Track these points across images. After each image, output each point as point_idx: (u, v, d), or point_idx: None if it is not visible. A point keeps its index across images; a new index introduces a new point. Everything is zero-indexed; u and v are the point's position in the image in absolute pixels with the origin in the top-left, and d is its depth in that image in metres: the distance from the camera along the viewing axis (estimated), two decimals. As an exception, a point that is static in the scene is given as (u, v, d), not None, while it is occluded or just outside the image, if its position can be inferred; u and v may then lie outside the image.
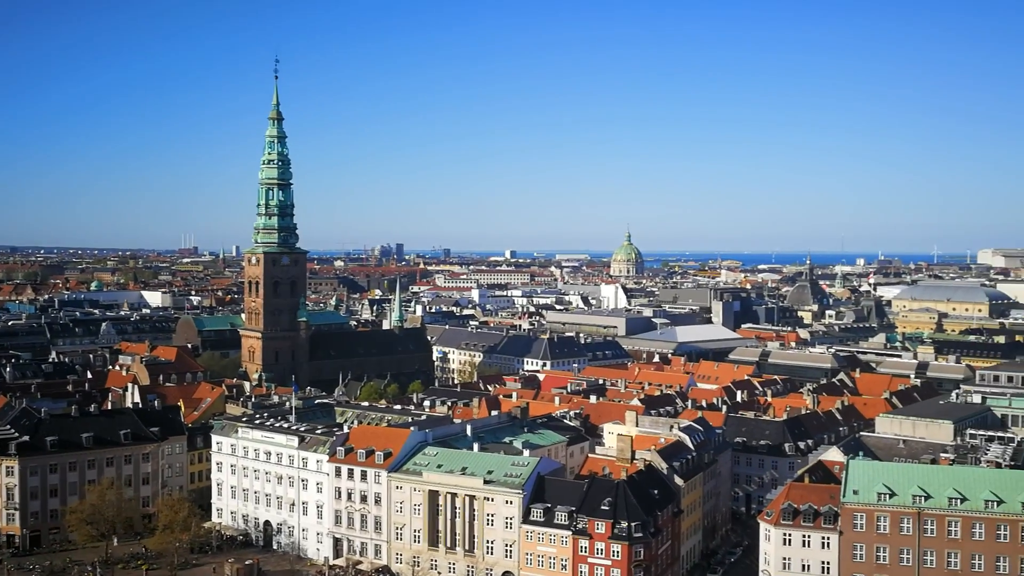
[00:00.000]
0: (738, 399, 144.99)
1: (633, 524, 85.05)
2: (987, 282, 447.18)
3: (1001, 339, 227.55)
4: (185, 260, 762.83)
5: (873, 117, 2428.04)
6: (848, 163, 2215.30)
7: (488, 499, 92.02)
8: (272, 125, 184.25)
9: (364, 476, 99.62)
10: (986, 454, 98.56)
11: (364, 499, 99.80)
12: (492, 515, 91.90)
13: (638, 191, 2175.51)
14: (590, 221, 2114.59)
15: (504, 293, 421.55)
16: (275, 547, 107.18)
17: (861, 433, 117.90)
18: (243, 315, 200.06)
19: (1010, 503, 79.73)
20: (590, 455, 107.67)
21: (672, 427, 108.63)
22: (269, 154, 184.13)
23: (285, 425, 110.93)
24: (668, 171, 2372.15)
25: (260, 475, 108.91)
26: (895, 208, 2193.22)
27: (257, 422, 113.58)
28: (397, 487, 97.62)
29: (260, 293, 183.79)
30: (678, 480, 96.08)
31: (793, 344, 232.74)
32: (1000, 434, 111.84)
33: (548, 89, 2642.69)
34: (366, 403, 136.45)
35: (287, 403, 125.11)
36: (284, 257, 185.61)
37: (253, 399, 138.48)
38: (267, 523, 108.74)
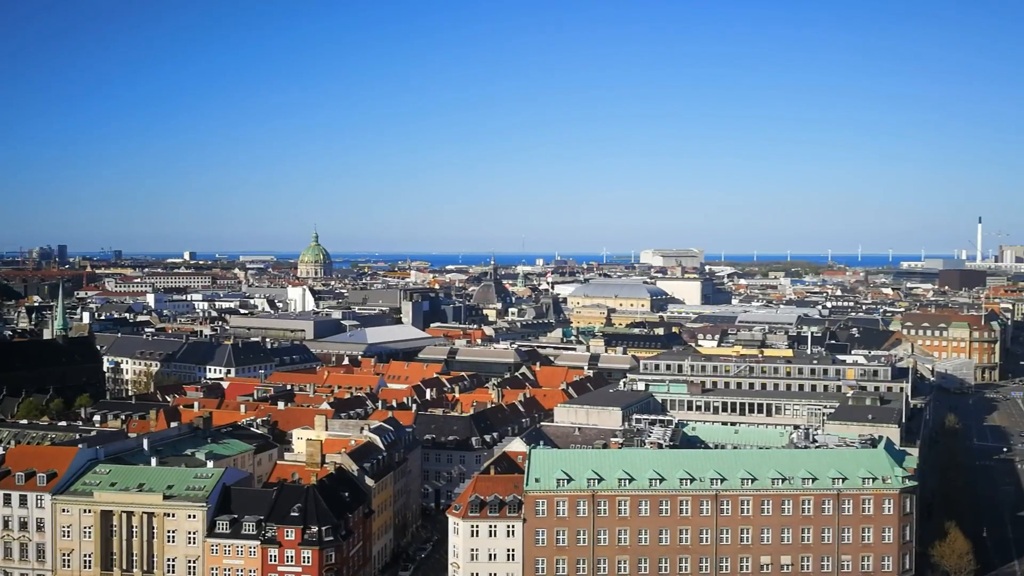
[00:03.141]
0: (427, 397, 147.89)
1: (323, 528, 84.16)
2: (648, 280, 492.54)
3: (660, 331, 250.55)
4: None
5: (547, 126, 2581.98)
6: (525, 169, 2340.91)
7: (169, 515, 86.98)
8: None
9: (24, 501, 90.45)
10: (650, 436, 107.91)
11: (24, 526, 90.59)
12: (173, 531, 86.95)
13: (325, 191, 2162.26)
14: (275, 221, 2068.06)
15: (183, 297, 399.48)
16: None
17: (542, 423, 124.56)
18: None
19: (670, 480, 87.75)
20: (279, 462, 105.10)
21: (363, 429, 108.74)
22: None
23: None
24: (356, 171, 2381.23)
25: None
26: (569, 211, 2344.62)
27: None
28: (64, 510, 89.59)
29: None
30: (369, 481, 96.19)
31: (479, 341, 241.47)
32: (661, 417, 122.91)
33: (227, 84, 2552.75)
34: (25, 421, 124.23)
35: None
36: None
37: None
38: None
